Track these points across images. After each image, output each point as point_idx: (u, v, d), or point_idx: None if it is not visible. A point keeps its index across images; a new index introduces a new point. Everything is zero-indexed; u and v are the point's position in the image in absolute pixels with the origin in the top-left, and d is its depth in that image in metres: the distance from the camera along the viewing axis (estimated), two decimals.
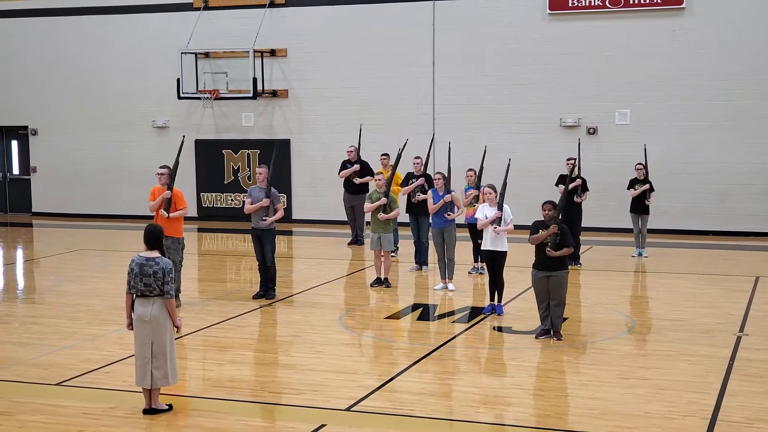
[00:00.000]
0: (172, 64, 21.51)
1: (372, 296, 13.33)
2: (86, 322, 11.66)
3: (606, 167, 18.99)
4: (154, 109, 22.62)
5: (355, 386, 8.86)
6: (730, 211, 19.14)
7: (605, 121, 19.68)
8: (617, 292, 13.99)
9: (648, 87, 19.32)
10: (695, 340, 10.64)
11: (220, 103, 21.91)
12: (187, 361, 9.92)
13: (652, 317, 12.27)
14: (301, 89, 21.61)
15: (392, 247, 13.83)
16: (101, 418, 7.97)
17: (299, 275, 15.28)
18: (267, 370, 9.66)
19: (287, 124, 21.91)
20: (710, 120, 19.04)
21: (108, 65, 22.83)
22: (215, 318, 11.80)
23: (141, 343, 8.03)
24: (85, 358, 9.85)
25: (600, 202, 17.78)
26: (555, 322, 10.49)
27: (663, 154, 18.90)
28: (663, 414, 8.05)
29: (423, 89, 20.64)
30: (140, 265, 8.01)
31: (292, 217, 21.71)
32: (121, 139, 22.94)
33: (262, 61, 21.40)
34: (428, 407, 8.34)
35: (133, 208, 22.03)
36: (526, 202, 17.23)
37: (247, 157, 22.25)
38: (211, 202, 22.63)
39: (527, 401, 8.66)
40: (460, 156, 19.54)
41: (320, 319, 11.87)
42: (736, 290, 13.55)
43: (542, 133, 19.91)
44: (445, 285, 13.46)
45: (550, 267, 10.38)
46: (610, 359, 9.86)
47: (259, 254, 12.85)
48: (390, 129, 20.41)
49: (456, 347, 10.57)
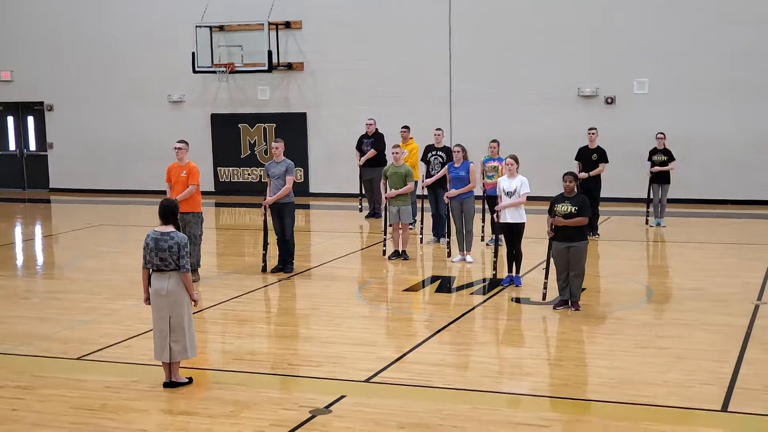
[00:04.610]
0: (186, 37, 21.46)
1: (390, 269, 13.35)
2: (105, 296, 11.74)
3: (624, 137, 18.86)
4: (170, 84, 22.61)
5: (374, 358, 8.90)
6: (748, 180, 19.00)
7: (623, 91, 19.52)
8: (635, 262, 13.95)
9: (666, 56, 19.12)
10: (713, 309, 10.61)
11: (235, 76, 21.87)
12: (207, 334, 9.98)
13: (670, 287, 12.25)
14: (316, 62, 21.52)
15: (411, 219, 13.80)
16: (122, 391, 8.04)
17: (317, 249, 15.31)
18: (286, 343, 9.71)
19: (303, 97, 21.85)
20: (728, 89, 18.84)
21: (123, 40, 22.80)
22: (234, 291, 11.85)
23: (159, 317, 8.07)
24: (104, 333, 9.93)
25: (617, 172, 17.65)
26: (574, 292, 10.46)
27: (681, 124, 18.75)
28: (681, 383, 8.05)
29: (439, 60, 20.50)
30: (155, 239, 8.04)
31: (309, 190, 21.72)
32: (137, 114, 22.98)
33: (277, 34, 21.33)
34: (447, 378, 8.37)
35: (151, 183, 22.05)
36: (544, 174, 17.15)
37: (264, 131, 22.24)
38: (227, 176, 22.66)
39: (546, 371, 8.68)
40: (475, 127, 19.56)
41: (338, 291, 11.90)
42: (754, 259, 13.48)
43: (560, 103, 19.77)
44: (463, 257, 13.45)
45: (570, 238, 10.33)
46: (628, 329, 9.85)
47: (278, 228, 12.85)
48: (407, 101, 20.33)
49: (474, 318, 10.59)
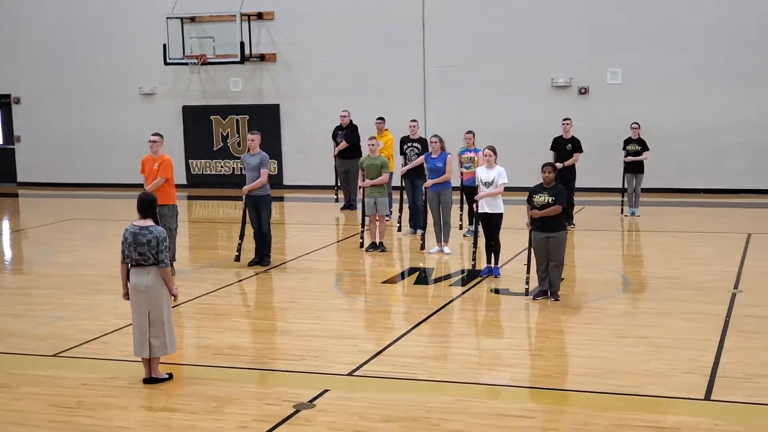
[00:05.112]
0: (157, 29, 21.22)
1: (368, 261, 13.29)
2: (81, 292, 11.58)
3: (598, 127, 18.90)
4: (141, 76, 22.36)
5: (356, 351, 8.84)
6: (722, 169, 19.13)
7: (597, 82, 19.57)
8: (611, 252, 14.00)
9: (639, 46, 19.19)
10: (691, 297, 10.67)
11: (207, 68, 21.68)
12: (185, 329, 9.87)
13: (646, 276, 12.29)
14: (289, 53, 21.38)
15: (388, 210, 13.75)
16: (101, 388, 7.92)
17: (293, 241, 15.22)
18: (266, 337, 9.64)
19: (276, 88, 21.70)
20: (702, 79, 18.95)
21: (93, 31, 22.49)
22: (210, 285, 11.74)
23: (138, 313, 7.97)
24: (81, 329, 9.79)
25: (592, 162, 17.71)
26: (554, 282, 10.46)
27: (655, 113, 18.83)
28: (663, 372, 8.07)
29: (413, 52, 20.43)
30: (134, 234, 7.93)
31: (283, 183, 21.59)
32: (107, 107, 22.70)
33: (249, 25, 21.16)
34: (430, 370, 8.33)
35: (123, 176, 21.85)
36: (519, 164, 17.12)
37: (236, 123, 22.06)
38: (200, 169, 22.47)
39: (527, 362, 8.68)
40: (450, 119, 19.53)
41: (316, 284, 11.83)
42: (729, 247, 13.56)
43: (534, 94, 19.78)
44: (440, 248, 13.42)
45: (549, 228, 10.33)
46: (607, 318, 9.88)
47: (254, 221, 12.74)
48: (381, 93, 20.24)
49: (454, 310, 10.56)
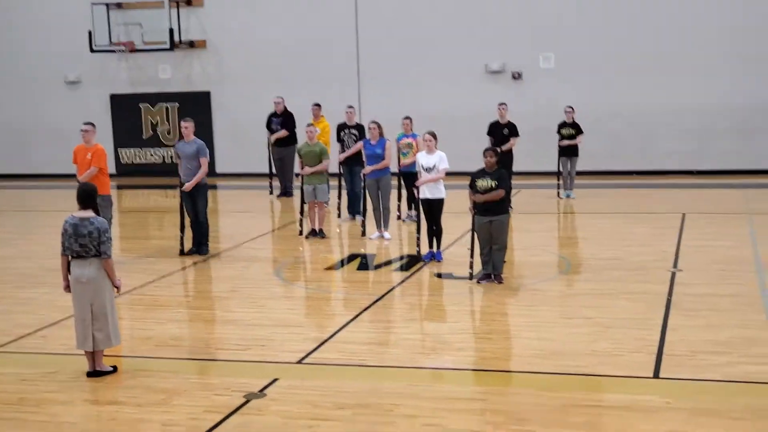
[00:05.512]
0: (82, 16, 20.66)
1: (307, 248, 13.16)
2: (16, 285, 11.22)
3: (533, 112, 19.05)
4: (66, 64, 21.76)
5: (302, 339, 8.73)
6: (654, 151, 19.51)
7: (530, 66, 19.72)
8: (549, 234, 14.14)
9: (571, 31, 19.40)
10: (631, 277, 10.81)
11: (135, 55, 21.22)
12: (126, 321, 9.60)
13: (587, 257, 12.43)
14: (219, 39, 21.05)
15: (327, 197, 13.64)
16: (41, 383, 7.66)
17: (230, 230, 14.97)
18: (209, 327, 9.45)
19: (206, 75, 21.36)
20: (633, 62, 19.25)
21: (15, 17, 21.81)
22: (149, 276, 11.47)
23: (80, 306, 7.73)
24: (18, 323, 9.47)
25: (528, 146, 17.84)
26: (497, 265, 10.50)
27: (587, 97, 19.06)
28: (610, 351, 8.15)
29: (346, 37, 20.29)
30: (74, 225, 7.67)
31: (216, 171, 21.24)
32: (31, 95, 22.06)
33: (178, 11, 20.75)
34: (379, 356, 8.28)
35: (49, 166, 21.28)
36: (457, 149, 17.11)
37: (166, 111, 21.65)
38: (130, 158, 22.00)
39: (475, 345, 8.69)
40: (385, 105, 19.45)
41: (257, 273, 11.67)
42: (665, 227, 13.81)
43: (469, 79, 19.85)
44: (380, 234, 13.36)
45: (491, 211, 10.35)
46: (552, 300, 9.96)
47: (191, 211, 12.51)
48: (315, 79, 20.08)
49: (398, 296, 10.51)
